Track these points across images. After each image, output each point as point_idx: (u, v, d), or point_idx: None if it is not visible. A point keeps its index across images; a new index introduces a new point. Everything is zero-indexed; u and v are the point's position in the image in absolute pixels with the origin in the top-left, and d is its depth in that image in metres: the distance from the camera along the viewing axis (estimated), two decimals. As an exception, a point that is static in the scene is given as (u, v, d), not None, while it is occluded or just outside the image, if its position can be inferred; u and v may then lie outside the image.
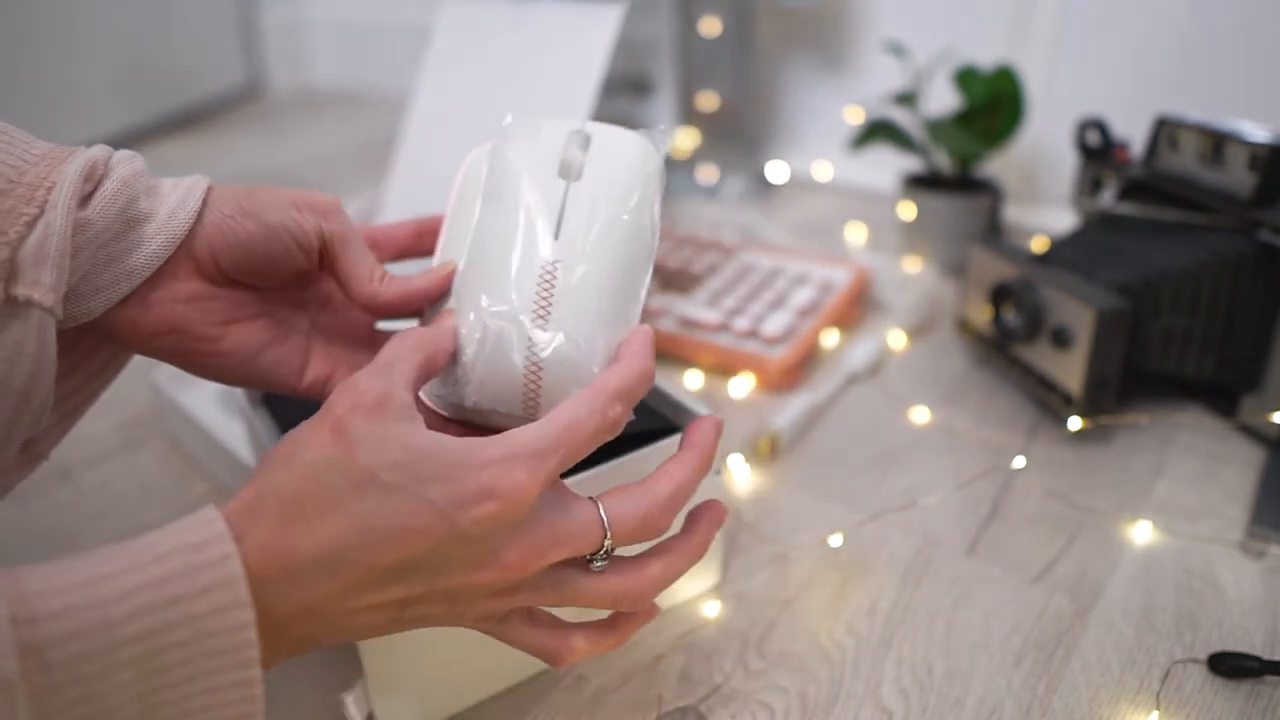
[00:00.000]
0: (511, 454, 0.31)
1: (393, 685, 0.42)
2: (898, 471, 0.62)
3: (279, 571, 0.29)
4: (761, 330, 0.74)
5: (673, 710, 0.45)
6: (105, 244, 0.35)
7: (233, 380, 0.40)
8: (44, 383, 0.34)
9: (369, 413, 0.31)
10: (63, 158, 0.34)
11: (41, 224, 0.32)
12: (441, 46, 0.76)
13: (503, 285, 0.37)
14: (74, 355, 0.39)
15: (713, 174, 1.14)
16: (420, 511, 0.30)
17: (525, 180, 0.39)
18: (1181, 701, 0.45)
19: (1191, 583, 0.52)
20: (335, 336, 0.43)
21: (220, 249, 0.37)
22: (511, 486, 0.31)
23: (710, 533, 0.38)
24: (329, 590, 0.30)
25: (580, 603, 0.35)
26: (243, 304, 0.39)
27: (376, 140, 1.34)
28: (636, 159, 0.39)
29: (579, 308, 0.37)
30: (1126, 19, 0.95)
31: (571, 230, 0.37)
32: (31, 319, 0.32)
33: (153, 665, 0.27)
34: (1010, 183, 1.02)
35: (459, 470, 0.31)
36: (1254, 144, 0.62)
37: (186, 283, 0.38)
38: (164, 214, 0.36)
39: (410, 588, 0.32)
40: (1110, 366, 0.61)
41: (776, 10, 1.17)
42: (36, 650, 0.25)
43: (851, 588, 0.52)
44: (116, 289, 0.36)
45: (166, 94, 1.48)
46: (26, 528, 0.59)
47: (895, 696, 0.45)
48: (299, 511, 0.30)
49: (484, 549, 0.32)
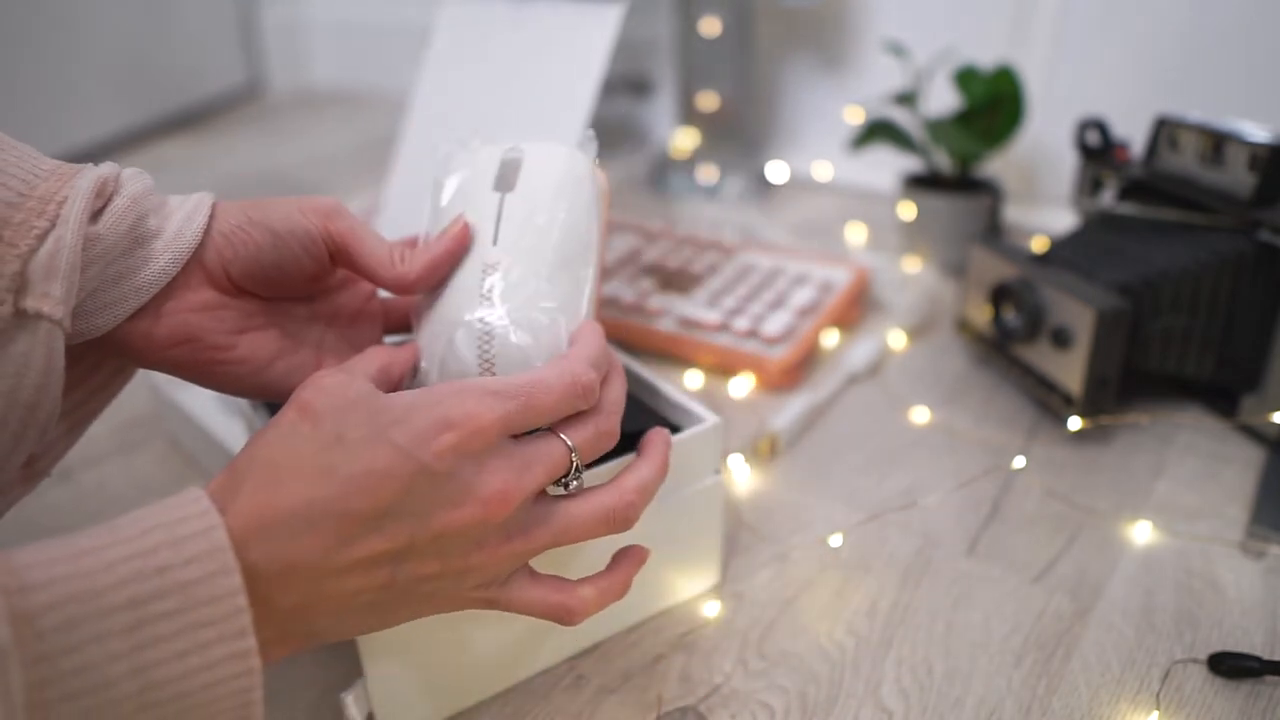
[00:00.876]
0: (464, 389, 0.33)
1: (393, 685, 0.42)
2: (898, 471, 0.62)
3: (258, 529, 0.30)
4: (761, 330, 0.74)
5: (673, 710, 0.45)
6: (114, 260, 0.35)
7: (245, 390, 0.41)
8: (51, 396, 0.34)
9: (331, 393, 0.33)
10: (72, 173, 0.34)
11: (53, 237, 0.33)
12: (441, 46, 0.76)
13: (452, 292, 0.40)
14: (79, 370, 0.39)
15: (713, 174, 1.14)
16: (384, 454, 0.31)
17: (463, 199, 0.42)
18: (1181, 701, 0.45)
19: (1191, 583, 0.52)
20: (346, 350, 0.43)
21: (231, 260, 0.38)
22: (465, 413, 0.32)
23: (665, 441, 0.40)
24: (311, 545, 0.31)
25: (573, 535, 0.36)
26: (254, 314, 0.40)
27: (376, 140, 1.33)
28: (563, 167, 0.42)
29: (523, 302, 0.39)
30: (1126, 19, 0.95)
31: (508, 235, 0.40)
32: (40, 332, 0.33)
33: (145, 636, 0.27)
34: (1010, 183, 1.02)
35: (415, 410, 0.32)
36: (1254, 144, 0.62)
37: (199, 292, 0.38)
38: (171, 231, 0.37)
39: (393, 538, 0.32)
40: (1110, 366, 0.61)
41: (776, 10, 1.17)
42: (27, 618, 0.25)
43: (851, 588, 0.52)
44: (124, 305, 0.36)
45: (166, 94, 1.47)
46: (26, 528, 0.59)
47: (895, 696, 0.45)
48: (274, 475, 0.31)
49: (456, 485, 0.32)
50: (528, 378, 0.35)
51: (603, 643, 0.49)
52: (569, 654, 0.48)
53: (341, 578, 0.31)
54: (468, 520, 0.33)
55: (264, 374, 0.40)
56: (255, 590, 0.29)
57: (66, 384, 0.38)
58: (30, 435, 0.34)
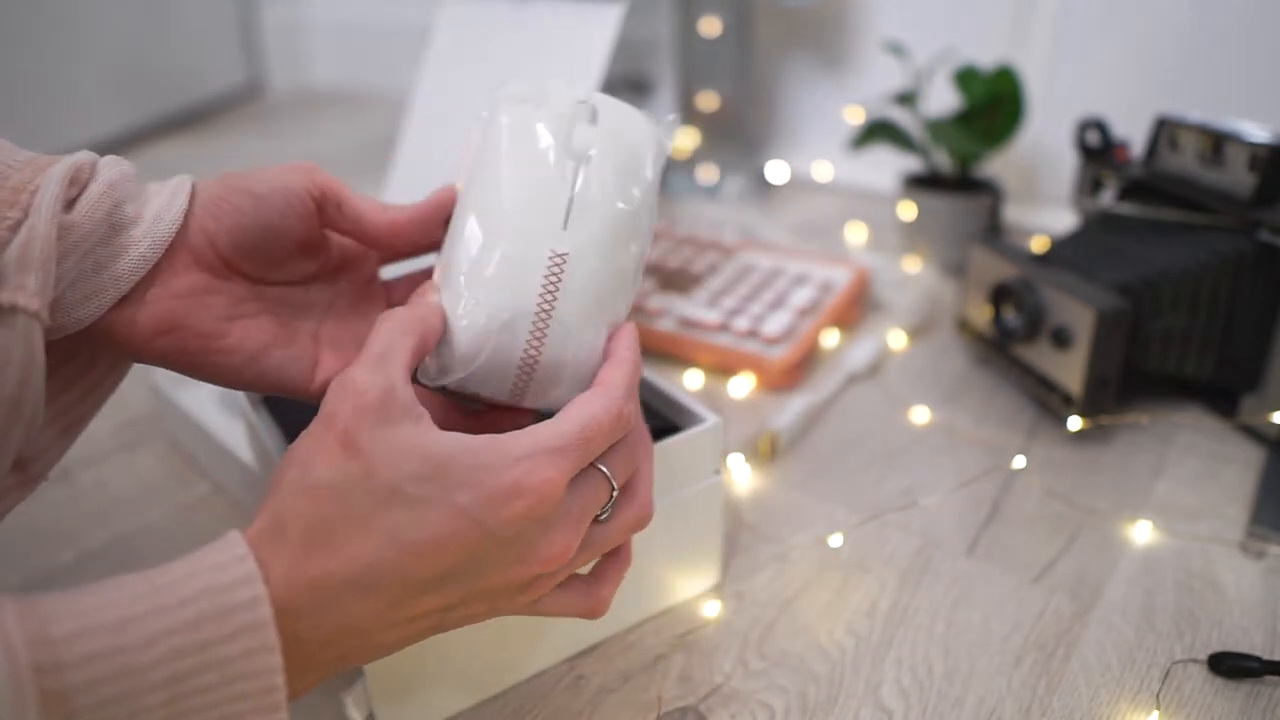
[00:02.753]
0: (534, 451, 0.31)
1: (393, 685, 0.42)
2: (898, 471, 0.62)
3: (309, 601, 0.29)
4: (761, 330, 0.74)
5: (673, 710, 0.45)
6: (91, 249, 0.34)
7: (242, 382, 0.39)
8: (33, 391, 0.33)
9: (375, 417, 0.31)
10: (47, 163, 0.33)
11: (25, 228, 0.31)
12: (441, 46, 0.76)
13: (506, 273, 0.36)
14: (70, 369, 0.38)
15: (713, 174, 1.14)
16: (450, 520, 0.30)
17: (528, 155, 0.36)
18: (1181, 701, 0.45)
19: (1191, 583, 0.52)
20: (347, 339, 0.41)
21: (215, 232, 0.37)
22: (538, 482, 0.31)
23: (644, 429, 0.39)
24: (365, 610, 0.30)
25: (603, 550, 0.36)
26: (245, 299, 0.38)
27: (376, 140, 1.33)
28: (644, 144, 0.38)
29: (583, 304, 0.36)
30: (1126, 19, 0.95)
31: (579, 220, 0.36)
32: (17, 325, 0.31)
33: (179, 708, 0.27)
34: (1010, 183, 1.02)
35: (484, 473, 0.31)
36: (1254, 144, 0.62)
37: (184, 276, 0.36)
38: (150, 216, 0.36)
39: (448, 596, 0.32)
40: (1110, 366, 0.61)
41: (776, 10, 1.17)
42: (61, 698, 0.25)
43: (851, 588, 0.52)
44: (105, 295, 0.35)
45: (166, 94, 1.47)
46: (26, 528, 0.59)
47: (895, 696, 0.45)
48: (324, 536, 0.30)
49: (520, 547, 0.32)
50: (582, 418, 0.33)
51: (603, 643, 0.48)
52: (569, 654, 0.48)
53: (388, 631, 0.31)
54: (525, 576, 0.33)
55: (259, 364, 0.38)
56: (297, 653, 0.29)
57: (57, 385, 0.37)
58: (16, 434, 0.33)
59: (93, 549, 0.57)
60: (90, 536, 0.58)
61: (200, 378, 0.38)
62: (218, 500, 0.61)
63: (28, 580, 0.54)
